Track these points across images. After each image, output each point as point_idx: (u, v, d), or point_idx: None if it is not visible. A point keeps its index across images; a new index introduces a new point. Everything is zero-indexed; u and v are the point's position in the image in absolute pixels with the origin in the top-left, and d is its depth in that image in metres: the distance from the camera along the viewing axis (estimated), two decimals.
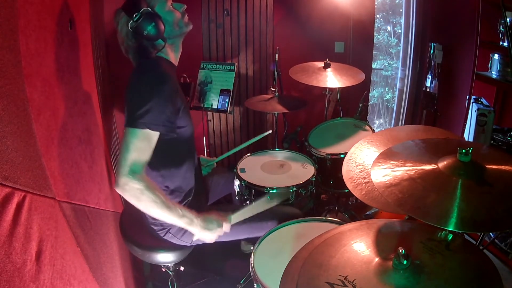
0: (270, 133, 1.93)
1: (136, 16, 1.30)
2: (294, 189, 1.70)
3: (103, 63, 2.02)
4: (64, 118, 1.30)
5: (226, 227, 1.41)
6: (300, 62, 2.41)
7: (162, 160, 1.39)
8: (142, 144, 1.24)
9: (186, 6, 1.44)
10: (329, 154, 1.99)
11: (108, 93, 2.14)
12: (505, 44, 2.22)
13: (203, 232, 1.36)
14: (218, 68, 2.42)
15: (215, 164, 1.89)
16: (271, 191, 1.70)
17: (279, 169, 1.88)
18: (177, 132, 1.35)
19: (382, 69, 5.97)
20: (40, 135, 1.06)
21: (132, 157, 1.22)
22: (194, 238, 1.42)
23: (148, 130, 1.23)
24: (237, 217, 1.44)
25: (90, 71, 1.77)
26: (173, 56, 1.45)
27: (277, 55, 2.54)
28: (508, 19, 2.12)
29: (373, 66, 5.17)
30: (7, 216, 0.83)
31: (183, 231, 1.47)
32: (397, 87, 3.91)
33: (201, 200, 1.65)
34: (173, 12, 1.39)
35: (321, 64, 2.31)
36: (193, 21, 1.46)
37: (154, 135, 1.26)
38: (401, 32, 4.10)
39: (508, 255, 2.10)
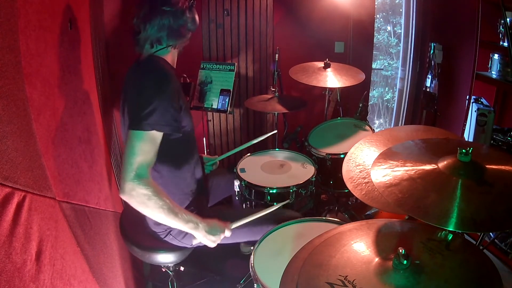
0: (275, 133, 1.92)
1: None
2: (294, 189, 1.69)
3: (103, 63, 2.02)
4: (64, 118, 1.30)
5: (227, 233, 1.41)
6: (300, 62, 2.41)
7: (162, 160, 1.38)
8: (148, 146, 1.21)
9: None
10: (329, 154, 1.99)
11: (108, 93, 2.14)
12: (505, 44, 2.22)
13: (207, 237, 1.36)
14: (218, 68, 2.42)
15: (218, 162, 1.87)
16: (271, 191, 1.70)
17: (279, 169, 1.88)
18: (181, 131, 1.33)
19: (382, 69, 5.96)
20: (40, 135, 1.06)
21: (137, 160, 1.18)
22: (195, 242, 1.42)
23: (154, 132, 1.20)
24: (237, 223, 1.45)
25: (90, 71, 1.77)
26: (171, 59, 1.45)
27: (277, 55, 2.54)
28: (508, 19, 2.12)
29: (373, 66, 5.16)
30: (7, 216, 0.83)
31: (184, 233, 1.46)
32: (397, 87, 3.91)
33: (202, 202, 1.65)
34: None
35: (321, 64, 2.31)
36: None
37: (159, 136, 1.23)
38: (401, 32, 4.09)
39: (508, 255, 2.10)
